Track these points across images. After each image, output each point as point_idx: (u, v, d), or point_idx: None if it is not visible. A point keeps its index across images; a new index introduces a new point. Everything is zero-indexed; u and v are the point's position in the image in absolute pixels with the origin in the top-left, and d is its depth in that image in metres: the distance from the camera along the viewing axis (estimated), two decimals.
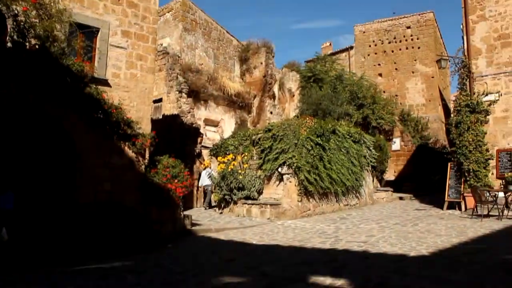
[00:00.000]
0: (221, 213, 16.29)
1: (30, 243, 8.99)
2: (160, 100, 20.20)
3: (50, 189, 9.94)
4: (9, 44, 8.99)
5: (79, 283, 6.89)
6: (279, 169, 14.88)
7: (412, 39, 32.92)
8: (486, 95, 14.52)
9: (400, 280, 6.13)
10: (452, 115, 16.41)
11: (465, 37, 15.31)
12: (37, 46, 9.36)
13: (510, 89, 14.28)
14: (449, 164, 15.72)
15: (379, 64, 34.18)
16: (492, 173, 14.25)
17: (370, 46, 34.71)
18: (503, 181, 13.91)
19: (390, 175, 26.05)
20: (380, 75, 33.88)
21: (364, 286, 5.99)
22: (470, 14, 15.17)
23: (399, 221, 12.63)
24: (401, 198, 20.50)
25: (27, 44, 9.21)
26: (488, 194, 12.83)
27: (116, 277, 7.19)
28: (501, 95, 14.36)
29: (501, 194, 13.05)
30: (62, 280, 7.07)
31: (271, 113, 24.40)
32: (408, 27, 33.22)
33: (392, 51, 33.66)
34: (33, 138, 9.99)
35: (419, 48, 32.54)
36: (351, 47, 36.11)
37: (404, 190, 23.94)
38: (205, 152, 19.98)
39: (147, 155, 11.70)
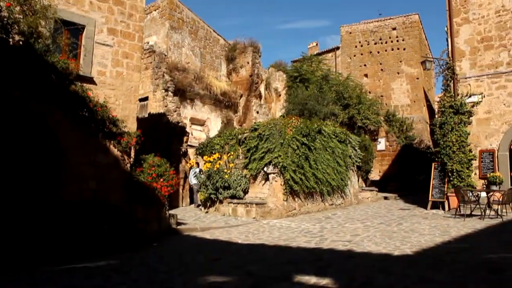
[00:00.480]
0: (206, 212, 16.28)
1: (14, 242, 8.88)
2: (146, 98, 20.11)
3: (34, 186, 9.83)
4: None
5: (64, 282, 6.83)
6: (265, 169, 14.89)
7: (397, 41, 33.22)
8: (470, 96, 14.71)
9: (384, 280, 6.19)
10: (436, 116, 16.62)
11: (449, 39, 15.49)
12: (21, 43, 9.25)
13: (492, 91, 14.48)
14: (433, 164, 15.89)
15: (365, 65, 34.41)
16: (475, 173, 14.45)
17: (356, 46, 34.93)
18: (486, 181, 14.12)
19: (375, 175, 26.26)
20: (366, 75, 34.11)
21: (348, 286, 6.03)
22: (455, 17, 15.35)
23: (384, 220, 12.74)
24: (386, 198, 20.64)
25: (10, 40, 9.08)
26: (471, 194, 13.00)
27: (102, 276, 7.14)
28: (484, 96, 14.56)
29: (483, 194, 13.23)
30: (45, 280, 7.00)
31: (257, 112, 24.43)
32: (394, 29, 33.50)
33: (378, 52, 33.91)
34: (17, 135, 9.87)
35: (404, 49, 32.85)
36: (338, 48, 36.28)
37: (389, 190, 24.15)
38: (191, 151, 19.94)
39: (132, 154, 11.63)
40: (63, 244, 9.13)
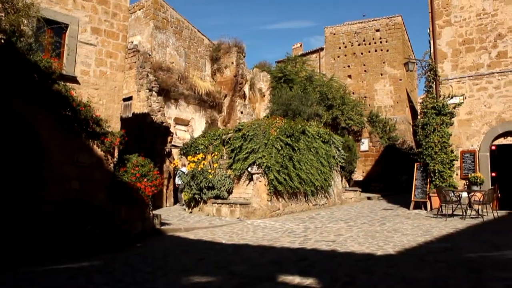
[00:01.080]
0: (190, 212, 16.24)
1: None
2: (130, 98, 19.98)
3: (15, 186, 9.71)
4: None
5: (46, 283, 6.77)
6: (249, 169, 14.91)
7: (381, 42, 33.47)
8: (451, 98, 14.91)
9: (367, 279, 6.25)
10: (419, 117, 16.80)
11: (431, 41, 15.68)
12: (2, 41, 9.14)
13: (473, 93, 14.70)
14: (415, 164, 16.09)
15: (348, 66, 34.61)
16: (457, 174, 14.65)
17: (340, 48, 35.10)
18: (467, 181, 14.33)
19: (358, 175, 26.47)
20: (350, 76, 34.31)
21: (332, 285, 6.07)
22: (437, 19, 15.55)
23: (367, 220, 12.84)
24: (369, 198, 20.82)
25: None
26: (452, 194, 13.18)
27: (85, 277, 7.09)
28: (465, 98, 14.77)
29: (464, 194, 13.43)
30: (28, 280, 6.93)
31: (242, 112, 24.42)
32: (377, 30, 33.76)
33: (362, 53, 34.14)
34: None
35: (387, 50, 33.10)
36: (322, 49, 36.43)
37: (372, 190, 24.39)
38: (175, 151, 19.88)
39: (116, 154, 11.55)
40: (45, 244, 9.05)
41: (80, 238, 9.21)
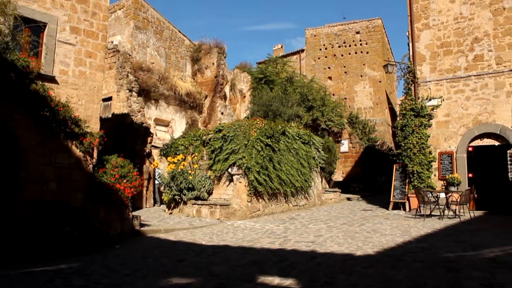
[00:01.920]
0: (170, 213, 16.16)
1: None
2: (109, 98, 19.80)
3: None
4: None
5: (24, 286, 6.67)
6: (229, 170, 14.91)
7: (361, 44, 33.77)
8: (430, 100, 15.12)
9: (346, 279, 6.30)
10: (398, 119, 16.98)
11: (410, 44, 15.89)
12: None
13: (451, 95, 14.92)
14: (394, 166, 16.26)
15: (329, 68, 34.83)
16: (435, 175, 14.86)
17: (320, 49, 35.31)
18: (445, 182, 14.53)
19: (338, 176, 26.66)
20: (330, 78, 34.52)
21: (311, 286, 6.10)
22: (416, 22, 15.76)
23: (347, 221, 12.94)
24: (348, 199, 20.97)
25: None
26: (430, 195, 13.36)
27: (63, 279, 6.99)
28: (443, 100, 14.99)
29: (442, 195, 13.62)
30: (4, 284, 6.81)
31: (222, 113, 24.42)
32: (358, 32, 34.04)
33: (342, 55, 34.38)
34: None
35: (367, 52, 33.40)
36: (302, 50, 36.60)
37: (352, 191, 24.58)
38: (155, 152, 19.76)
39: (95, 154, 11.43)
40: (22, 246, 8.90)
41: (58, 240, 9.09)
